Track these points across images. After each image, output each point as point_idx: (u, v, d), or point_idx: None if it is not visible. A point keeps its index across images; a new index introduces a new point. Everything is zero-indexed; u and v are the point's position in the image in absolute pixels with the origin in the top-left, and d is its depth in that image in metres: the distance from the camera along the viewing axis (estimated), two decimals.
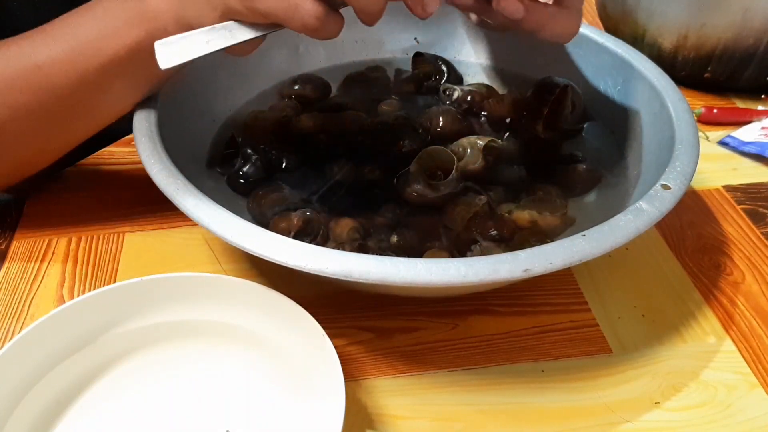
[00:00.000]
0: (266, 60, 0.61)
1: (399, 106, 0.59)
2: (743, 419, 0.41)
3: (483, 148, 0.51)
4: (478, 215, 0.47)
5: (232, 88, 0.58)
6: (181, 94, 0.51)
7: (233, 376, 0.41)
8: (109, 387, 0.40)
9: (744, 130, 0.65)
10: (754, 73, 0.68)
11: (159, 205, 0.52)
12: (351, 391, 0.41)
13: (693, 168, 0.43)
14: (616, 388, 0.42)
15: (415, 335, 0.45)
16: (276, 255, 0.36)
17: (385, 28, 0.65)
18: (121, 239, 0.52)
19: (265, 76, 0.61)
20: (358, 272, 0.35)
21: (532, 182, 0.52)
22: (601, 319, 0.46)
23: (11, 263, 0.50)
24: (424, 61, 0.63)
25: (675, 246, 0.52)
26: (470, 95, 0.59)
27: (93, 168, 0.59)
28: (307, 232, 0.46)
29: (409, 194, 0.49)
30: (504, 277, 0.35)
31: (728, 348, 0.45)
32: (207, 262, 0.50)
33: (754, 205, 0.57)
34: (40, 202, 0.56)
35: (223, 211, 0.39)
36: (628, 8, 0.71)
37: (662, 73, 0.53)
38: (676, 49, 0.69)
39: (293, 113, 0.58)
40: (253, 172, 0.51)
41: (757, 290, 0.49)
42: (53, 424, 0.38)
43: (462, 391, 0.42)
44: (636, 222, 0.38)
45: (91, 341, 0.40)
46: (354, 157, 0.53)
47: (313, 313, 0.39)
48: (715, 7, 0.65)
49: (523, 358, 0.44)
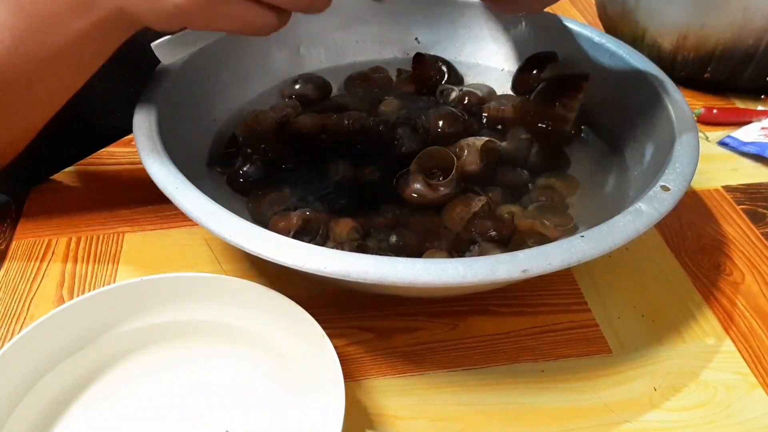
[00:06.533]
0: (267, 60, 0.61)
1: (399, 107, 0.59)
2: (743, 419, 0.41)
3: (482, 148, 0.51)
4: (477, 216, 0.47)
5: (232, 88, 0.58)
6: (182, 94, 0.51)
7: (233, 376, 0.41)
8: (109, 387, 0.40)
9: (744, 130, 0.65)
10: (753, 74, 0.68)
11: (159, 205, 0.53)
12: (351, 391, 0.41)
13: (693, 169, 0.43)
14: (616, 388, 0.42)
15: (415, 335, 0.45)
16: (275, 255, 0.36)
17: (386, 29, 0.66)
18: (121, 239, 0.52)
19: (265, 76, 0.61)
20: (357, 272, 0.35)
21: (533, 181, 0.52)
22: (600, 319, 0.46)
23: (11, 263, 0.50)
24: (424, 61, 0.63)
25: (675, 246, 0.52)
26: (467, 96, 0.59)
27: (93, 168, 0.59)
28: (306, 232, 0.46)
29: (408, 194, 0.49)
30: (502, 277, 0.35)
31: (728, 348, 0.45)
32: (207, 262, 0.50)
33: (753, 206, 0.57)
34: (40, 202, 0.56)
35: (222, 210, 0.39)
36: (628, 8, 0.71)
37: (662, 74, 0.53)
38: (676, 49, 0.69)
39: (294, 113, 0.58)
40: (253, 172, 0.51)
41: (757, 290, 0.49)
42: (53, 423, 0.38)
43: (462, 391, 0.42)
44: (635, 223, 0.38)
45: (91, 341, 0.40)
46: (354, 158, 0.53)
47: (313, 313, 0.39)
48: (714, 7, 0.65)
49: (523, 358, 0.44)
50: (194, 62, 0.54)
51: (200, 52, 0.54)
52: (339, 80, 0.63)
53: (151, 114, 0.47)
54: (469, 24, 0.64)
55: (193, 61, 0.54)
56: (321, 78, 0.62)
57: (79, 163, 0.60)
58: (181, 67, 0.52)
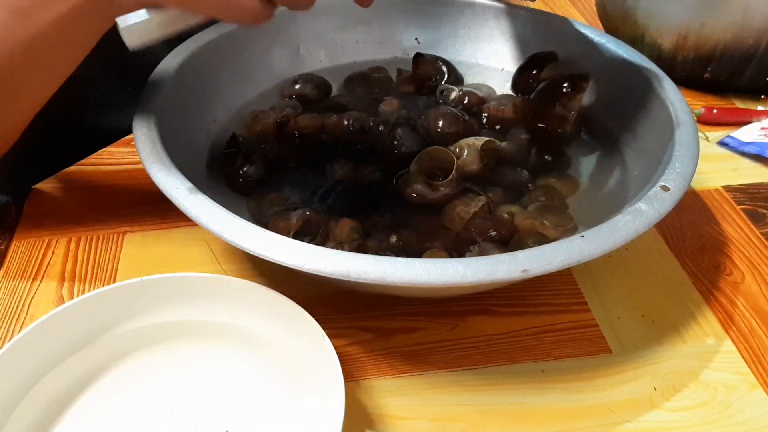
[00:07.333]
0: (267, 60, 0.61)
1: (399, 107, 0.59)
2: (743, 419, 0.41)
3: (482, 149, 0.51)
4: (477, 216, 0.47)
5: (232, 88, 0.58)
6: (182, 94, 0.51)
7: (233, 376, 0.41)
8: (109, 387, 0.40)
9: (744, 130, 0.65)
10: (753, 74, 0.68)
11: (159, 204, 0.52)
12: (351, 391, 0.41)
13: (692, 169, 0.43)
14: (616, 388, 0.42)
15: (415, 335, 0.45)
16: (275, 255, 0.36)
17: (386, 29, 0.66)
18: (121, 239, 0.52)
19: (266, 76, 0.61)
20: (357, 272, 0.35)
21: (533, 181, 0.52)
22: (600, 320, 0.46)
23: (11, 263, 0.50)
24: (424, 61, 0.63)
25: (675, 246, 0.52)
26: (467, 96, 0.59)
27: (93, 168, 0.59)
28: (306, 232, 0.46)
29: (408, 195, 0.49)
30: (502, 277, 0.35)
31: (728, 348, 0.45)
32: (207, 262, 0.50)
33: (753, 206, 0.57)
34: (40, 202, 0.56)
35: (222, 210, 0.39)
36: (628, 8, 0.71)
37: (662, 74, 0.53)
38: (676, 49, 0.69)
39: (294, 113, 0.58)
40: (253, 172, 0.51)
41: (757, 290, 0.49)
42: (53, 424, 0.38)
43: (462, 391, 0.42)
44: (635, 223, 0.38)
45: (90, 341, 0.40)
46: (354, 158, 0.53)
47: (313, 313, 0.39)
48: (714, 7, 0.65)
49: (523, 358, 0.44)
50: (194, 62, 0.54)
51: (200, 52, 0.54)
52: (339, 80, 0.63)
53: (151, 114, 0.47)
54: (469, 24, 0.64)
55: (193, 61, 0.54)
56: (321, 78, 0.62)
57: (79, 163, 0.60)
58: (181, 67, 0.52)
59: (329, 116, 0.57)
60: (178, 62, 0.52)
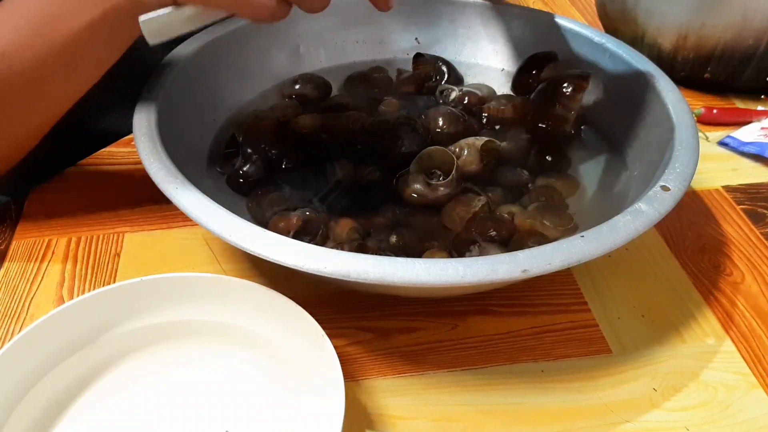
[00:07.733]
0: (267, 60, 0.61)
1: (399, 107, 0.59)
2: (743, 419, 0.41)
3: (482, 148, 0.51)
4: (477, 216, 0.47)
5: (232, 88, 0.58)
6: (182, 94, 0.51)
7: (233, 376, 0.41)
8: (109, 387, 0.40)
9: (744, 130, 0.65)
10: (753, 73, 0.68)
11: (159, 205, 0.53)
12: (351, 391, 0.41)
13: (692, 169, 0.43)
14: (616, 388, 0.42)
15: (415, 335, 0.45)
16: (274, 255, 0.36)
17: (386, 29, 0.66)
18: (121, 239, 0.52)
19: (266, 76, 0.61)
20: (357, 272, 0.35)
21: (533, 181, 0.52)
22: (600, 320, 0.46)
23: (11, 263, 0.50)
24: (424, 61, 0.63)
25: (675, 246, 0.52)
26: (467, 96, 0.59)
27: (93, 168, 0.59)
28: (306, 232, 0.46)
29: (408, 195, 0.49)
30: (502, 277, 0.35)
31: (728, 348, 0.45)
32: (207, 262, 0.50)
33: (753, 206, 0.57)
34: (40, 202, 0.56)
35: (222, 210, 0.39)
36: (628, 8, 0.71)
37: (662, 74, 0.53)
38: (676, 49, 0.69)
39: (294, 113, 0.58)
40: (253, 172, 0.51)
41: (757, 290, 0.49)
42: (53, 424, 0.38)
43: (462, 391, 0.42)
44: (635, 223, 0.38)
45: (90, 341, 0.40)
46: (354, 158, 0.53)
47: (313, 313, 0.39)
48: (714, 7, 0.65)
49: (523, 358, 0.44)
50: (194, 62, 0.54)
51: (200, 52, 0.54)
52: (339, 80, 0.63)
53: (150, 114, 0.47)
54: (469, 24, 0.64)
55: (193, 61, 0.54)
56: (321, 78, 0.62)
57: (79, 163, 0.60)
58: (181, 67, 0.52)
59: (329, 116, 0.57)
60: (178, 62, 0.52)
